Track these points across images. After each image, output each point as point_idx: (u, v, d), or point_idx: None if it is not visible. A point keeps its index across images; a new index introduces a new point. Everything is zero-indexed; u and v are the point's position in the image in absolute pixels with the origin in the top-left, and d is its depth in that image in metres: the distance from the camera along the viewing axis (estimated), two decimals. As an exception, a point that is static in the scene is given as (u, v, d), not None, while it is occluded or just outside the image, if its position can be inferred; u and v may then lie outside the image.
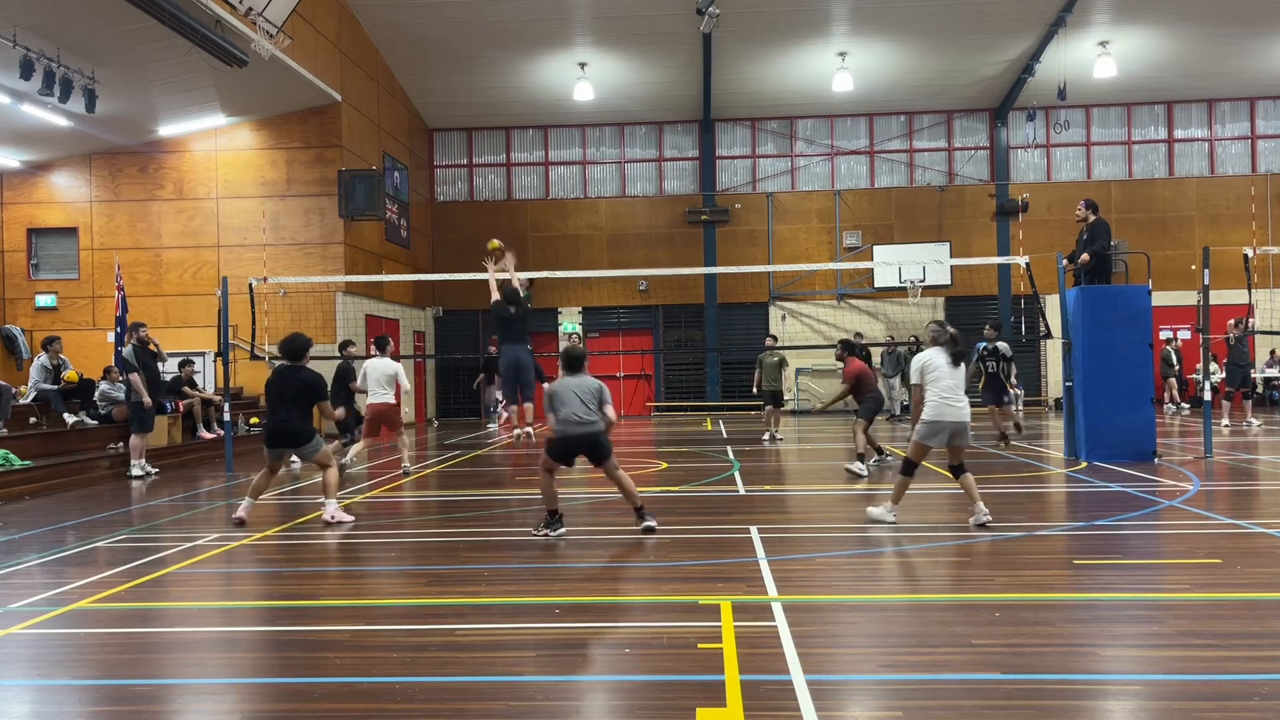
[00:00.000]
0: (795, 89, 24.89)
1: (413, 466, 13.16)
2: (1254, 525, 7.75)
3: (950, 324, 8.27)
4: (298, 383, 8.74)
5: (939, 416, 7.83)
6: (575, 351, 8.25)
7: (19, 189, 20.82)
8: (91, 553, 7.63)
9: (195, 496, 11.12)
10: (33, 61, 14.58)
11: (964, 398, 7.96)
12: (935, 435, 7.85)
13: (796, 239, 26.19)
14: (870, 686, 4.31)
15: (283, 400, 8.73)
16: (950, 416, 7.82)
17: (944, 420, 7.82)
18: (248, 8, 15.71)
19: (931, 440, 7.88)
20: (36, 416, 14.06)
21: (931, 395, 7.89)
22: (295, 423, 8.73)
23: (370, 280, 20.16)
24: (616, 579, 6.52)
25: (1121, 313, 12.39)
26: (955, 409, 7.85)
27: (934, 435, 7.85)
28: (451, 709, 4.07)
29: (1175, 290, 24.32)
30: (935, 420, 7.84)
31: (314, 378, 8.84)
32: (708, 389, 26.26)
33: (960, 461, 8.01)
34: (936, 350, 8.02)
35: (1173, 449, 13.80)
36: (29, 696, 4.39)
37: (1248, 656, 4.56)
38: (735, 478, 11.58)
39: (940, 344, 8.03)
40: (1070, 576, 6.26)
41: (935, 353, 8.01)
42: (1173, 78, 24.58)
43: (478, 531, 8.17)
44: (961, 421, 7.86)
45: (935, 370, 7.93)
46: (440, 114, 26.05)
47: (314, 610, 5.72)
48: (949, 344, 8.02)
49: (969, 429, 7.95)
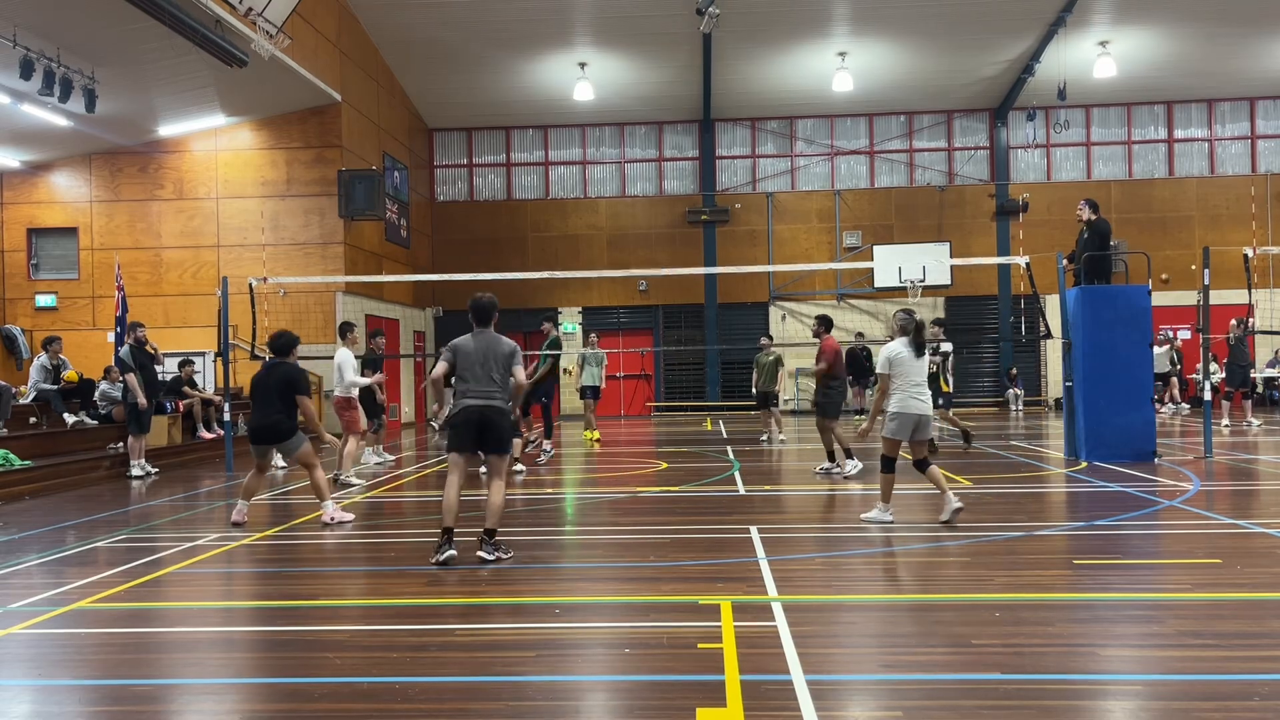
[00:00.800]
0: (795, 89, 24.89)
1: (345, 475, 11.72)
2: (1254, 525, 7.74)
3: (915, 311, 8.22)
4: (280, 377, 8.73)
5: (905, 409, 7.88)
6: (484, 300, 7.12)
7: (19, 189, 20.82)
8: (91, 553, 7.63)
9: (195, 496, 11.12)
10: (33, 61, 14.58)
11: (927, 390, 8.05)
12: (903, 429, 7.90)
13: (796, 239, 26.19)
14: (870, 686, 4.31)
15: (267, 396, 8.71)
16: (915, 409, 7.88)
17: (910, 413, 7.88)
18: (248, 8, 15.71)
19: (901, 434, 7.92)
20: (36, 416, 14.06)
21: (897, 387, 7.91)
22: (277, 418, 8.66)
23: (370, 280, 20.15)
24: (616, 579, 6.51)
25: (1121, 313, 12.39)
26: (920, 402, 7.92)
27: (902, 429, 7.91)
28: (451, 709, 4.07)
29: (1175, 290, 24.34)
30: (902, 413, 7.89)
31: (295, 372, 8.81)
32: (708, 389, 26.25)
33: (924, 456, 8.04)
34: (903, 342, 7.99)
35: (1173, 449, 13.79)
36: (29, 696, 4.39)
37: (1248, 656, 4.56)
38: (735, 478, 11.58)
39: (907, 334, 7.99)
40: (1070, 576, 6.26)
41: (902, 344, 7.98)
42: (1173, 78, 24.58)
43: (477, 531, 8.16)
44: (925, 415, 7.94)
45: (902, 364, 7.93)
46: (440, 114, 26.05)
47: (313, 610, 5.72)
48: (915, 333, 7.98)
49: (931, 422, 8.07)
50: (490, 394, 6.88)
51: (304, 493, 11.11)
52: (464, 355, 6.93)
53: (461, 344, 7.00)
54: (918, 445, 8.02)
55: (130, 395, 12.63)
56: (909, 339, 7.98)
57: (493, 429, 6.87)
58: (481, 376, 6.86)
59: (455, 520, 6.86)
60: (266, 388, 8.75)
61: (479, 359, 6.89)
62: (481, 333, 7.06)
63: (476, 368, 6.84)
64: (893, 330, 8.17)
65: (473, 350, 6.91)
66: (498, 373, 6.89)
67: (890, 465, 8.07)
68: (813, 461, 14.00)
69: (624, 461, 13.89)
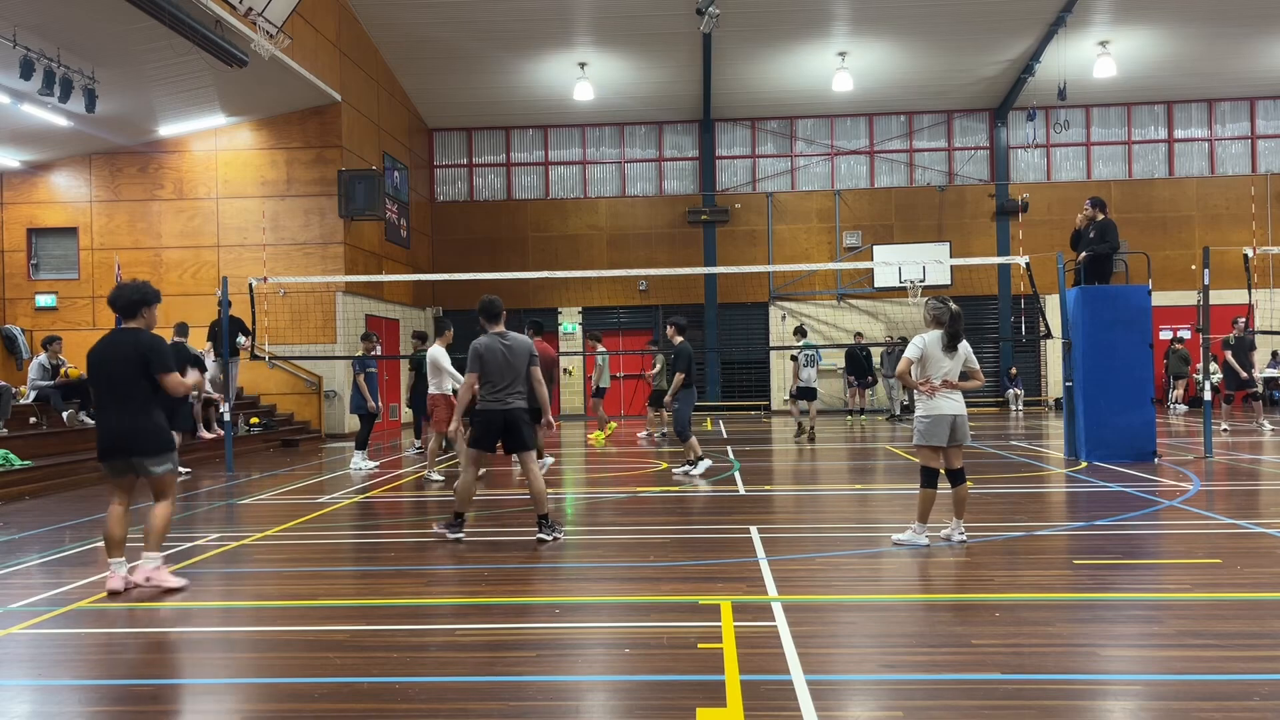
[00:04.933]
0: (795, 89, 24.89)
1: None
2: (1254, 525, 7.75)
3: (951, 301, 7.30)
4: (130, 352, 6.08)
5: (936, 410, 7.10)
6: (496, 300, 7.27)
7: (19, 189, 20.82)
8: (91, 553, 7.63)
9: (195, 497, 11.11)
10: (33, 61, 14.58)
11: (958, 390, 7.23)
12: (937, 432, 7.11)
13: (796, 239, 26.19)
14: (870, 686, 4.31)
15: (113, 384, 6.11)
16: (947, 409, 7.10)
17: (943, 413, 7.09)
18: (248, 8, 15.71)
19: (936, 438, 7.10)
20: (36, 416, 14.06)
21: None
22: (134, 417, 6.10)
23: (370, 280, 20.16)
24: (616, 579, 6.51)
25: (1121, 313, 12.39)
26: (951, 401, 7.13)
27: (936, 433, 7.11)
28: (451, 709, 4.07)
29: (1175, 290, 24.34)
30: (934, 415, 7.11)
31: (152, 341, 6.21)
32: (708, 389, 26.25)
33: (960, 466, 7.24)
34: (936, 335, 7.17)
35: (1173, 449, 13.79)
36: (29, 696, 4.39)
37: (1248, 656, 4.56)
38: (735, 478, 11.58)
39: (941, 324, 7.17)
40: (1070, 576, 6.26)
41: (935, 337, 7.16)
42: (1173, 78, 24.57)
43: (478, 531, 8.15)
44: (959, 414, 7.13)
45: (931, 358, 7.13)
46: (440, 114, 26.05)
47: (314, 610, 5.72)
48: (950, 323, 7.14)
49: (967, 423, 7.25)
50: (512, 396, 6.96)
51: (303, 492, 11.11)
52: (490, 361, 6.99)
53: (485, 349, 7.02)
54: (954, 451, 7.19)
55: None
56: (943, 330, 7.16)
57: (515, 431, 6.98)
58: (506, 379, 6.92)
59: (469, 507, 7.17)
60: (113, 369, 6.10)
61: (503, 362, 6.96)
62: (499, 333, 7.12)
63: (501, 370, 6.91)
64: (925, 320, 7.30)
65: (497, 352, 6.99)
66: (520, 374, 6.98)
67: (931, 478, 7.15)
68: (813, 461, 14.00)
69: (625, 461, 13.88)
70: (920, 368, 7.18)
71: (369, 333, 14.52)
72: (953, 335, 7.12)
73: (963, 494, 7.27)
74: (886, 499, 9.94)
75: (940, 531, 7.38)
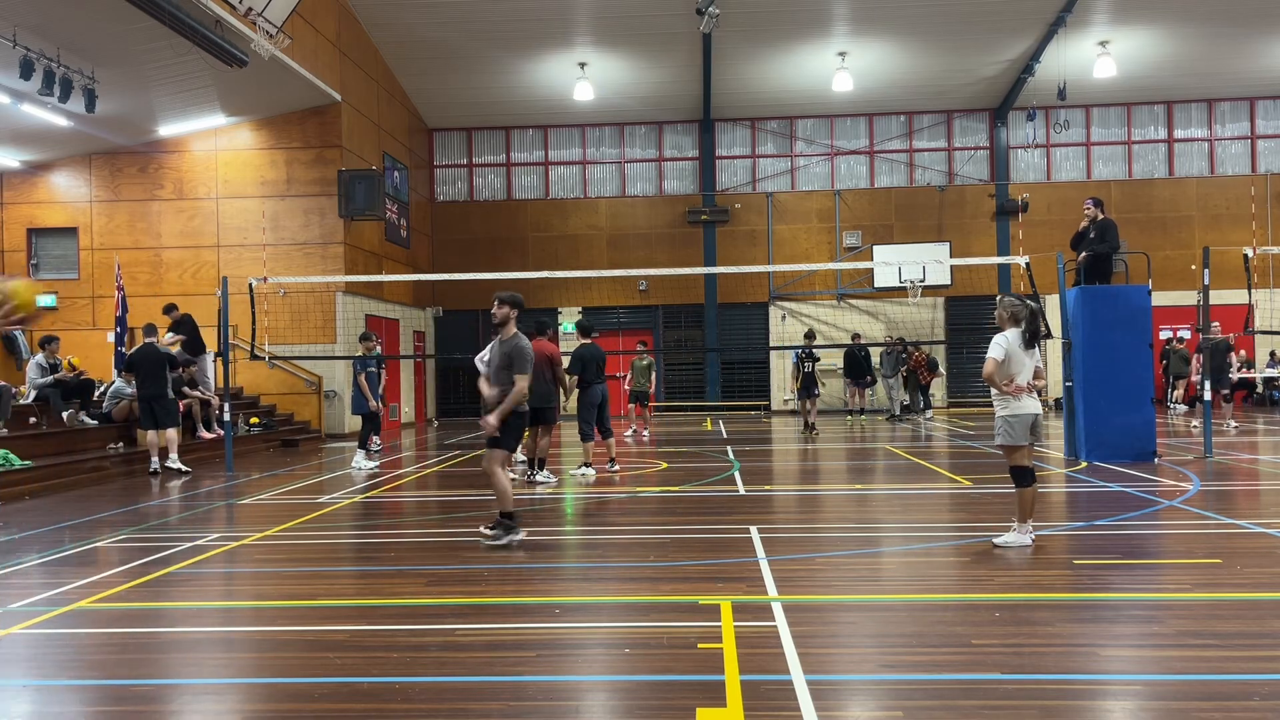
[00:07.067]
0: (795, 89, 24.89)
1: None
2: (1254, 525, 7.75)
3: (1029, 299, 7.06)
4: None
5: (1019, 410, 6.97)
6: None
7: (19, 189, 20.82)
8: (91, 553, 7.63)
9: (195, 497, 11.11)
10: (33, 61, 14.58)
11: None
12: (1019, 431, 6.98)
13: (796, 239, 26.19)
14: (870, 686, 4.31)
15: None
16: (1029, 409, 6.98)
17: (1026, 413, 6.98)
18: (248, 8, 15.70)
19: (1019, 437, 6.97)
20: (36, 416, 14.05)
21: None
22: None
23: (370, 280, 20.16)
24: (616, 579, 6.51)
25: (1121, 313, 12.39)
26: (1032, 400, 7.03)
27: (1019, 432, 6.98)
28: (451, 709, 4.07)
29: (1175, 290, 24.33)
30: (1021, 414, 6.97)
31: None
32: (707, 389, 26.25)
33: (1031, 465, 7.12)
34: (1016, 333, 7.01)
35: (1173, 449, 13.79)
36: (29, 696, 4.38)
37: (1248, 656, 4.56)
38: (735, 478, 11.58)
39: (1019, 322, 7.03)
40: (1070, 576, 6.26)
41: (1016, 335, 7.01)
42: (1173, 78, 24.57)
43: (477, 532, 8.16)
44: (1038, 413, 7.02)
45: (1014, 358, 6.96)
46: (440, 114, 26.05)
47: (314, 610, 5.72)
48: (1029, 321, 7.02)
49: (1043, 421, 7.13)
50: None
51: (303, 492, 11.11)
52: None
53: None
54: (1027, 449, 7.11)
55: None
56: (1021, 328, 7.03)
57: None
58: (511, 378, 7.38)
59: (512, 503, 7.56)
60: None
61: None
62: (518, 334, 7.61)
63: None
64: (1000, 319, 7.14)
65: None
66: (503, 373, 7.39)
67: (1026, 476, 7.01)
68: (813, 461, 14.00)
69: (625, 461, 13.87)
70: (1004, 367, 7.02)
71: (368, 333, 14.50)
72: (1033, 333, 7.03)
73: (1030, 496, 7.07)
74: (886, 499, 9.94)
75: (994, 538, 7.09)
